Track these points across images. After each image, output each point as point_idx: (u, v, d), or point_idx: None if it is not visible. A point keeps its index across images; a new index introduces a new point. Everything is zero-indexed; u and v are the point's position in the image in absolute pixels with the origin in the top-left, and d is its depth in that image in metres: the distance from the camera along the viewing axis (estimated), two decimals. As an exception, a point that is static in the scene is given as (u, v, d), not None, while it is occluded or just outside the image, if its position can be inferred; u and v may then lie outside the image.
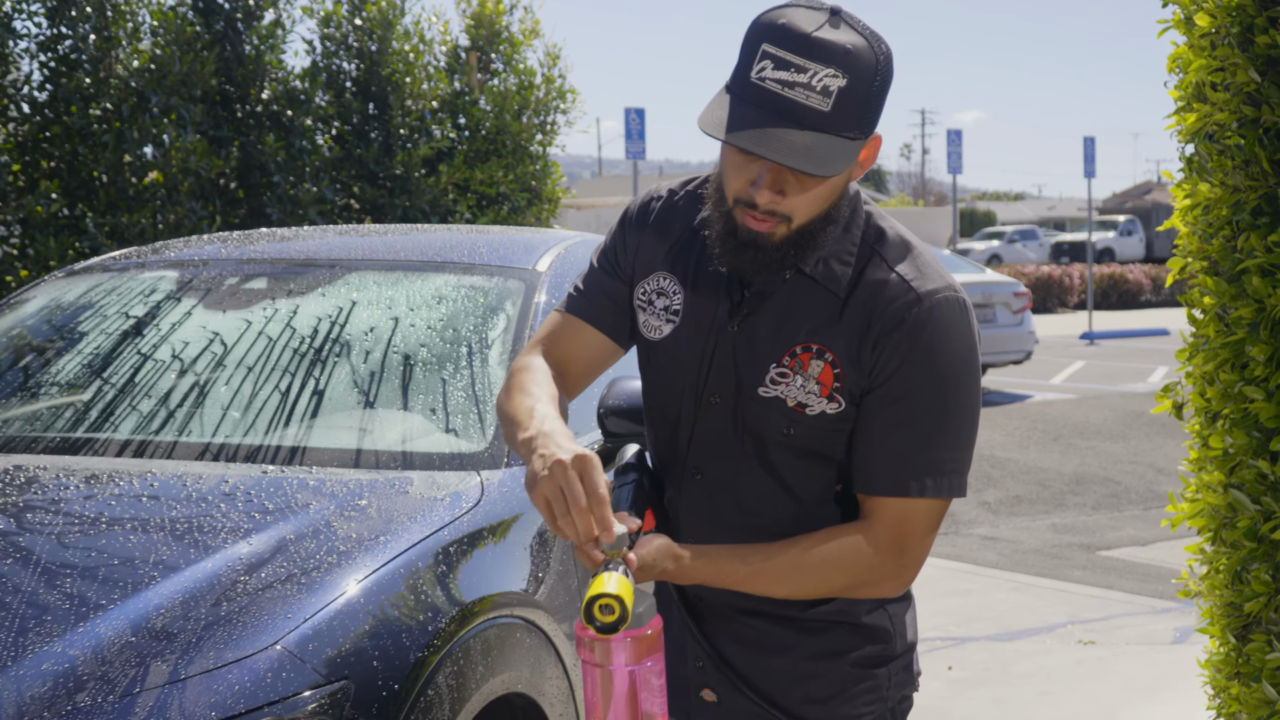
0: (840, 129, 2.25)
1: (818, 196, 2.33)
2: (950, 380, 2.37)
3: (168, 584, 2.79)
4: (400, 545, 3.04)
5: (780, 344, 2.41)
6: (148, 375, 4.05)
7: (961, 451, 2.39)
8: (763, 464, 2.45)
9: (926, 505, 2.38)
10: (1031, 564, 9.33)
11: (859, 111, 2.26)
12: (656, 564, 2.26)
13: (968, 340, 2.39)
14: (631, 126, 22.02)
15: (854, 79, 2.24)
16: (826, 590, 2.40)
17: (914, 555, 2.40)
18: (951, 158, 27.61)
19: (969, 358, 2.38)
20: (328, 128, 12.30)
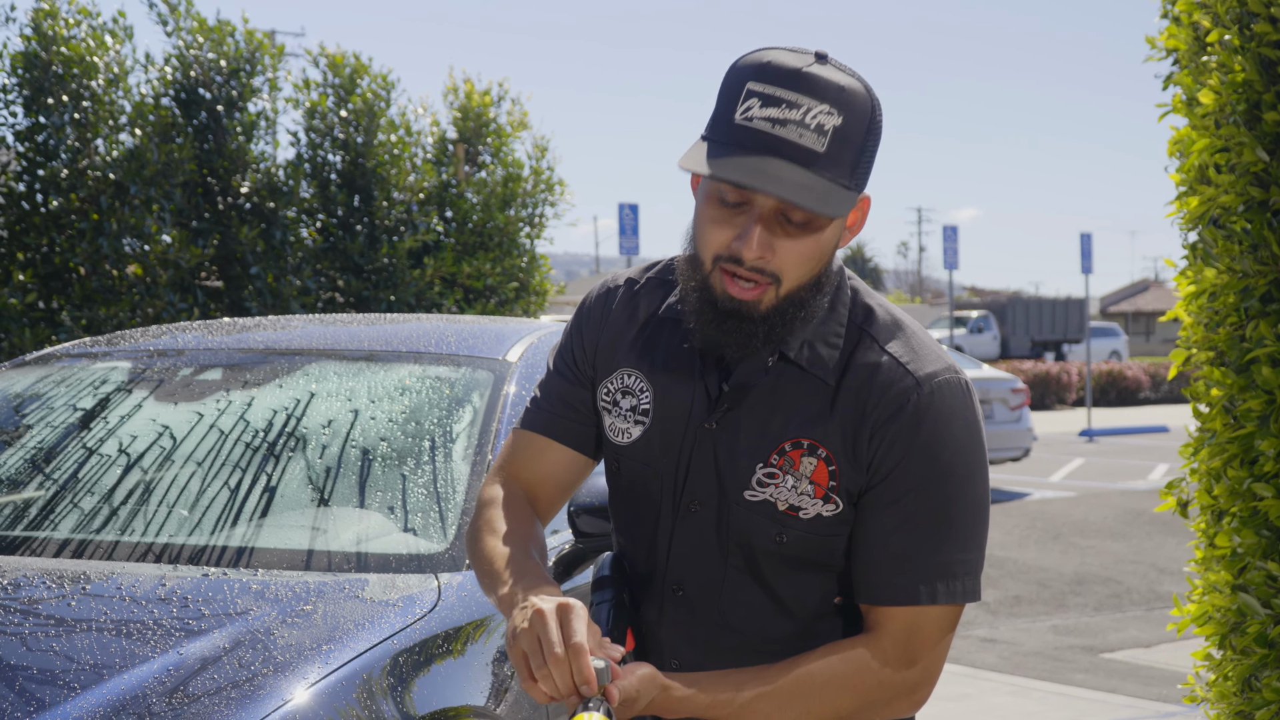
0: (835, 172, 2.05)
1: (808, 255, 2.09)
2: (956, 473, 2.14)
3: (89, 696, 2.56)
4: (346, 655, 2.80)
5: (767, 441, 2.16)
6: (91, 471, 3.83)
7: (973, 551, 2.15)
8: (753, 576, 2.21)
9: (938, 613, 2.13)
10: (1032, 666, 9.08)
11: (853, 156, 2.07)
12: (641, 696, 2.02)
13: (972, 428, 2.16)
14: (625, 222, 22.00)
15: (849, 117, 2.05)
16: (836, 713, 2.12)
17: (928, 668, 2.15)
18: (948, 254, 27.60)
19: (974, 447, 2.16)
20: (312, 220, 12.18)
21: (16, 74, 10.79)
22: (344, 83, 12.40)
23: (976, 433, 2.16)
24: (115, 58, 11.08)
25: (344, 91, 12.36)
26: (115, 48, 11.13)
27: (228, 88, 11.75)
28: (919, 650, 2.13)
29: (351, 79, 12.43)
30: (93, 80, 10.77)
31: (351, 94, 12.32)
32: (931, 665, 2.15)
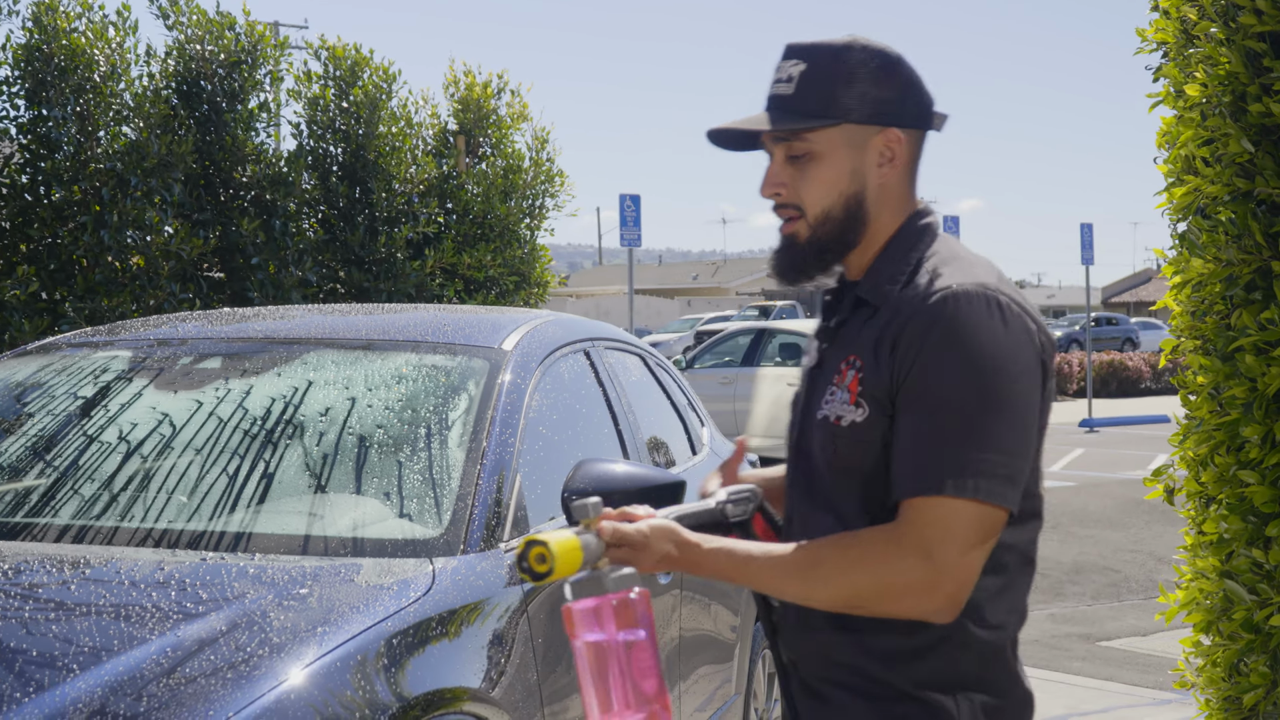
0: (801, 106, 2.40)
1: (817, 182, 2.41)
2: (977, 374, 2.22)
3: (86, 678, 2.61)
4: (340, 637, 2.85)
5: (833, 365, 2.38)
6: (91, 458, 3.88)
7: (997, 454, 2.20)
8: (821, 500, 2.39)
9: (955, 507, 2.19)
10: (1030, 654, 9.11)
11: (820, 91, 2.39)
12: (651, 542, 2.25)
13: (996, 335, 2.24)
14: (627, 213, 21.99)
15: (812, 64, 2.41)
16: (849, 590, 2.21)
17: (945, 564, 2.18)
18: (948, 245, 27.57)
19: (999, 353, 2.23)
20: (313, 211, 12.21)
21: (19, 67, 10.83)
22: (345, 75, 12.43)
23: (999, 340, 2.23)
24: (117, 50, 11.12)
25: (345, 84, 12.39)
26: (117, 40, 11.16)
27: (229, 80, 11.78)
28: (935, 542, 2.18)
29: (353, 71, 12.46)
30: (94, 73, 10.80)
31: (353, 86, 12.35)
32: (953, 566, 2.18)
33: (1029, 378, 2.25)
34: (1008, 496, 2.21)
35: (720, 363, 19.72)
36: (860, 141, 2.40)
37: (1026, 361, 2.25)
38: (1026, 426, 2.25)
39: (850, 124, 2.39)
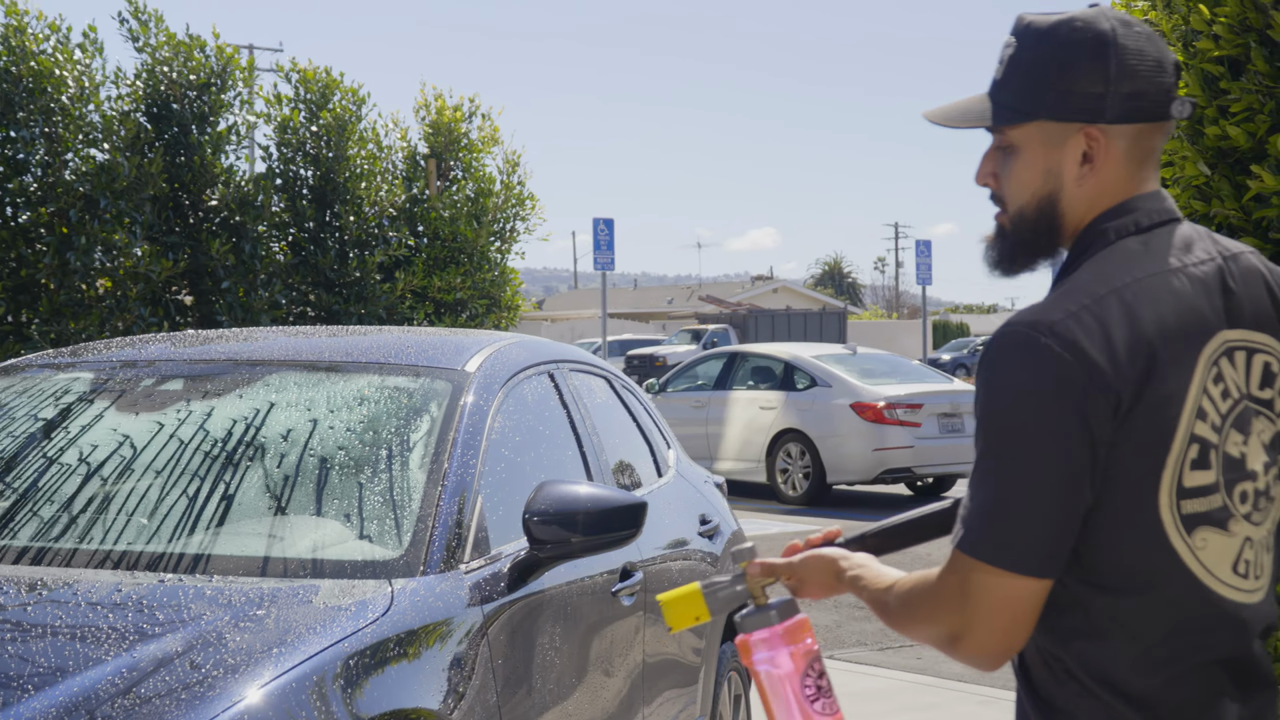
0: (1000, 96, 2.27)
1: (1015, 179, 2.26)
2: (987, 416, 2.09)
3: (42, 696, 2.60)
4: (297, 657, 2.85)
5: None
6: (51, 480, 3.87)
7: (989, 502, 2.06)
8: None
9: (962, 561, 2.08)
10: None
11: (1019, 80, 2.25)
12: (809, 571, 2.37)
13: (1012, 376, 2.06)
14: (600, 237, 22.05)
15: (1020, 46, 2.26)
16: (917, 630, 2.17)
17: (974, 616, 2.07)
18: (920, 269, 27.71)
19: (1007, 393, 2.06)
20: (282, 233, 12.20)
21: (-13, 88, 10.81)
22: (315, 98, 12.44)
23: (1013, 380, 2.07)
24: (85, 72, 11.10)
25: (315, 106, 12.39)
26: (85, 62, 11.15)
27: (199, 102, 11.77)
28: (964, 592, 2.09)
29: (323, 94, 12.46)
30: (63, 94, 10.79)
31: (323, 109, 12.35)
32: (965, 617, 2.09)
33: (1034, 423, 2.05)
34: (995, 551, 2.06)
35: (693, 386, 19.74)
36: (1058, 139, 2.22)
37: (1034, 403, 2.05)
38: (1020, 477, 2.05)
39: (1045, 120, 2.22)
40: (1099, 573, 2.10)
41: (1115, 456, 2.05)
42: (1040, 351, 2.05)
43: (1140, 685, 2.10)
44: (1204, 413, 2.09)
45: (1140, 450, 2.06)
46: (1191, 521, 2.09)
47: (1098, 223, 2.21)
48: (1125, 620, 2.09)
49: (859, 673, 9.23)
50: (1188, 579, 2.10)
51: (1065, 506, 2.05)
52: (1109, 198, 2.22)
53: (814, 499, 17.88)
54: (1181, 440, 2.07)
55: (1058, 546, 2.06)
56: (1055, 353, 2.04)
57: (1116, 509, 2.07)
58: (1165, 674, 2.09)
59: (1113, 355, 2.05)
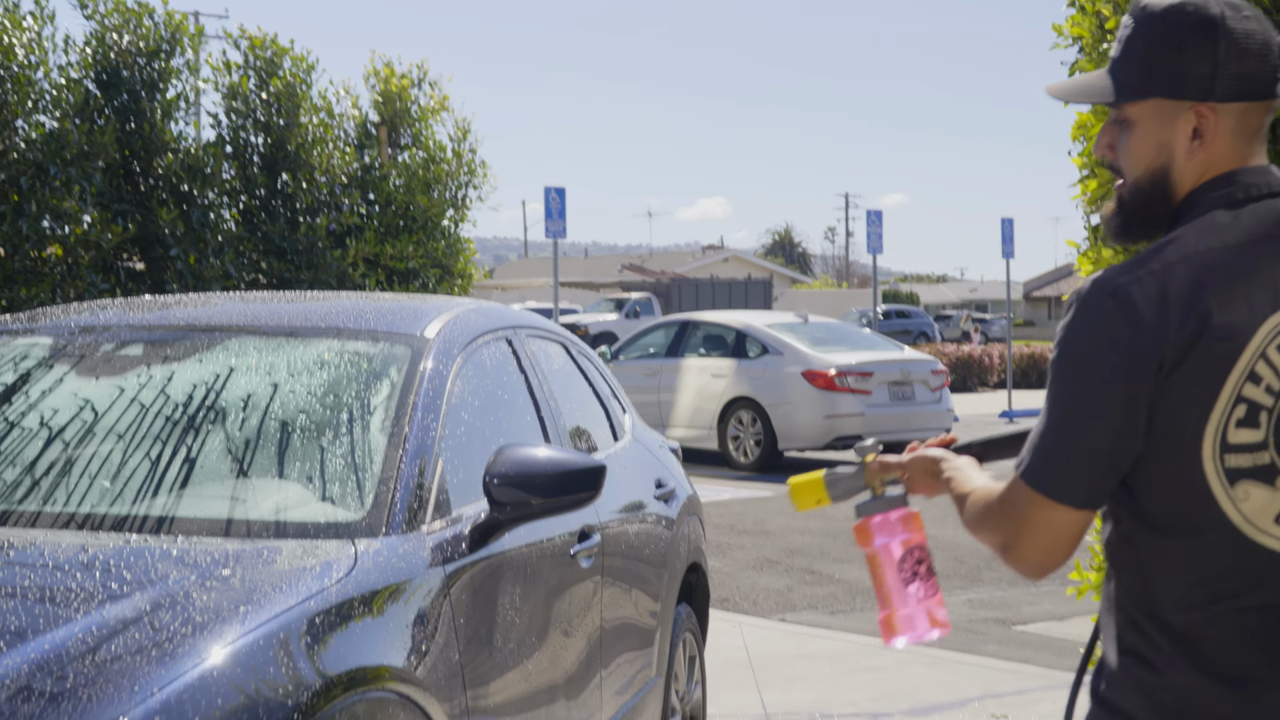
0: (1119, 72, 2.42)
1: (1130, 153, 2.42)
2: (1052, 360, 2.34)
3: (10, 656, 2.64)
4: (263, 616, 2.89)
5: None
6: (13, 444, 3.89)
7: (1041, 436, 2.33)
8: None
9: (1017, 484, 2.35)
10: (947, 638, 9.22)
11: (1134, 59, 2.40)
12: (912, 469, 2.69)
13: (1073, 327, 2.30)
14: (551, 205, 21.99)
15: (1136, 26, 2.41)
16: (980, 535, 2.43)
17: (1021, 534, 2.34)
18: (871, 238, 27.77)
19: (1067, 343, 2.30)
20: (233, 201, 12.17)
21: (-66, 56, 10.73)
22: (265, 65, 12.39)
23: (1076, 330, 2.29)
24: (35, 39, 11.02)
25: (264, 74, 12.34)
26: (35, 30, 11.07)
27: (148, 69, 11.71)
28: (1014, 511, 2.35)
29: (272, 61, 12.41)
30: (12, 62, 10.72)
31: (273, 76, 12.30)
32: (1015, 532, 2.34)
33: (1084, 374, 2.28)
34: (1042, 479, 2.30)
35: (645, 354, 19.80)
36: (1169, 116, 2.38)
37: (1089, 356, 2.28)
38: (1070, 418, 2.30)
39: (1159, 98, 2.38)
40: (1148, 513, 2.31)
41: (1161, 409, 2.26)
42: (1099, 308, 2.27)
43: (1180, 621, 2.30)
44: (1258, 377, 2.26)
45: (1184, 406, 2.25)
46: (1235, 475, 2.27)
47: (1197, 193, 2.39)
48: (1169, 559, 2.30)
49: (811, 635, 9.33)
50: (1227, 527, 2.28)
51: (1106, 450, 2.28)
52: (1215, 170, 2.39)
53: (765, 466, 17.99)
54: (1227, 400, 2.25)
55: (1098, 484, 2.29)
56: (1110, 311, 2.26)
57: (1163, 457, 2.28)
58: (1205, 613, 2.28)
59: (1163, 318, 2.24)
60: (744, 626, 9.43)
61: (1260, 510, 2.26)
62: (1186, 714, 2.29)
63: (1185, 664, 2.29)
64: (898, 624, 2.68)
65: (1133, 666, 2.34)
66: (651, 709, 5.27)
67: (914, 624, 2.68)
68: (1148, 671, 2.32)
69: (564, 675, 4.25)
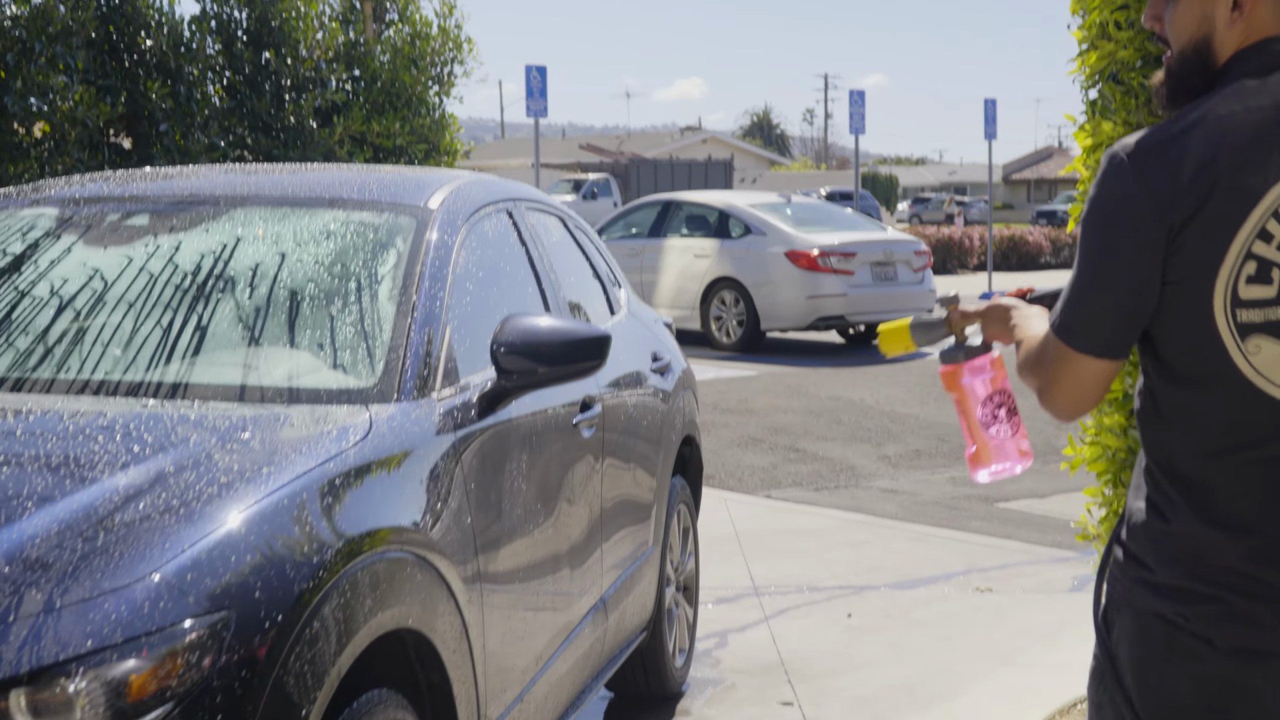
0: None
1: (1175, 23, 2.48)
2: (1080, 220, 2.45)
3: (42, 515, 2.69)
4: (284, 477, 2.95)
5: None
6: (25, 312, 3.92)
7: (1068, 293, 2.45)
8: None
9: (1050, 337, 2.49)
10: (930, 515, 9.38)
11: None
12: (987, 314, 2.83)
13: (1097, 187, 2.41)
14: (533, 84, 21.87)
15: None
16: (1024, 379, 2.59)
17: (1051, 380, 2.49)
18: (854, 118, 27.67)
19: (1090, 202, 2.41)
20: (218, 77, 12.09)
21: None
22: (245, -63, 12.26)
23: (1097, 193, 2.41)
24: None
25: (246, -54, 12.22)
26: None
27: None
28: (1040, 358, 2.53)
29: (256, -67, 12.28)
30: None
31: (255, -52, 12.19)
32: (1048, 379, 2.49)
33: (1102, 233, 2.39)
34: (1066, 327, 2.44)
35: (628, 234, 19.80)
36: None
37: (1106, 217, 2.39)
38: (1091, 275, 2.41)
39: None
40: (1166, 366, 2.41)
41: (1173, 265, 2.35)
42: (1118, 170, 2.38)
43: (1190, 470, 2.40)
44: (1269, 235, 2.33)
45: (1194, 262, 2.34)
46: (1246, 329, 2.35)
47: (1231, 61, 2.46)
48: (1184, 411, 2.41)
49: (796, 511, 9.46)
50: (1239, 379, 2.36)
51: (1123, 306, 2.39)
52: (1253, 39, 2.45)
53: (747, 346, 18.08)
54: (1235, 257, 2.33)
55: (1119, 337, 2.41)
56: (1128, 174, 2.36)
57: (1178, 311, 2.37)
58: (1220, 464, 2.38)
59: (1175, 179, 2.32)
60: (730, 503, 9.55)
61: (1272, 364, 2.34)
62: (1191, 560, 2.39)
63: (1192, 513, 2.39)
64: (987, 457, 2.89)
65: (1147, 515, 2.45)
66: (648, 577, 5.37)
67: (1004, 455, 2.88)
68: (1159, 519, 2.43)
69: (568, 543, 4.32)
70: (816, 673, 6.08)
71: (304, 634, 2.68)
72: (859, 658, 6.29)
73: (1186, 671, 2.40)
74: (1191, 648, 2.39)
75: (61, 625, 2.44)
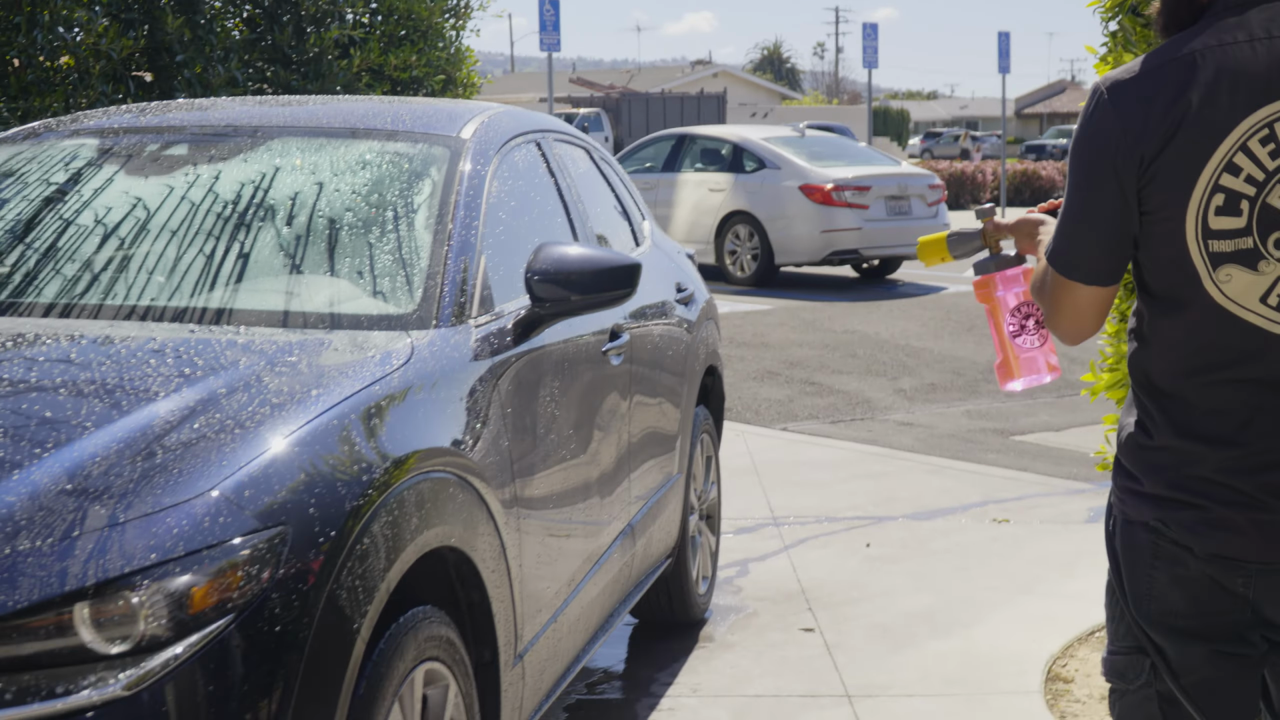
0: None
1: None
2: (1068, 153, 2.57)
3: (101, 435, 2.78)
4: (332, 399, 3.03)
5: None
6: (71, 240, 4.00)
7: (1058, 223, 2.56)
8: None
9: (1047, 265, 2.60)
10: (947, 448, 9.46)
11: None
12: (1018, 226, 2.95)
13: (1081, 122, 2.52)
14: (546, 17, 21.82)
15: None
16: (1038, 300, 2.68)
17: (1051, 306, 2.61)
18: (867, 52, 27.60)
19: (1075, 138, 2.52)
20: (237, 10, 12.09)
21: None
22: None
23: (1078, 128, 2.52)
24: None
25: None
26: None
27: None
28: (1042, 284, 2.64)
29: None
30: None
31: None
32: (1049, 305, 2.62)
33: (1082, 165, 2.49)
34: (1058, 259, 2.55)
35: (641, 168, 19.81)
36: None
37: (1085, 149, 2.49)
38: (1076, 206, 2.51)
39: None
40: (1149, 290, 2.51)
41: (1147, 195, 2.44)
42: (1097, 104, 2.48)
43: (1170, 387, 2.51)
44: (1236, 168, 2.39)
45: (1165, 193, 2.42)
46: (1217, 259, 2.42)
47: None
48: (1165, 333, 2.50)
49: (812, 444, 9.55)
50: (1211, 304, 2.44)
51: (1105, 237, 2.50)
52: None
53: (762, 280, 18.13)
54: (1203, 189, 2.40)
55: (1105, 265, 2.52)
56: (1105, 108, 2.46)
57: (1155, 240, 2.46)
58: (1197, 380, 2.48)
59: (1148, 113, 2.41)
60: (747, 435, 9.64)
61: (1243, 291, 2.42)
62: (1172, 471, 2.50)
63: (1171, 428, 2.50)
64: (1015, 367, 3.00)
65: (1134, 430, 2.57)
66: (673, 505, 5.46)
67: (1032, 366, 2.99)
68: (1143, 434, 2.55)
69: (598, 469, 4.41)
70: (837, 600, 6.18)
71: (355, 549, 2.78)
72: (878, 586, 6.39)
73: (1171, 576, 2.52)
74: (1174, 554, 2.51)
75: (124, 540, 2.53)
